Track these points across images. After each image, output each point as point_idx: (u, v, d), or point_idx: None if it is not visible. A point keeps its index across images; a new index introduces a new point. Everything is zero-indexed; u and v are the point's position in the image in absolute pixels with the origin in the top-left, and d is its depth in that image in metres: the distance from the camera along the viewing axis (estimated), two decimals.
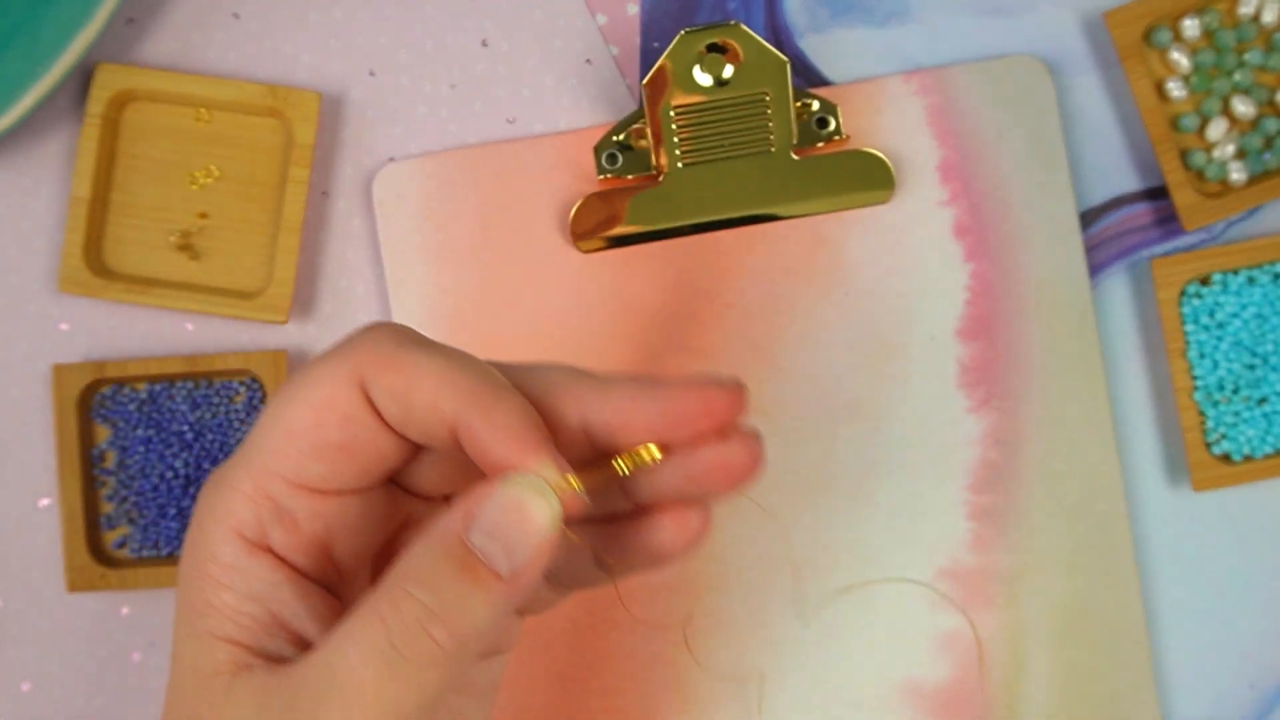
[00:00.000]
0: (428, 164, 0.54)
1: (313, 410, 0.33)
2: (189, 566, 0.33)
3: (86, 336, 0.55)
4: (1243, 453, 0.54)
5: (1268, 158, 0.55)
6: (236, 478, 0.33)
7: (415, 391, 0.32)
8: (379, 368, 0.32)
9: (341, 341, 0.34)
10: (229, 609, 0.33)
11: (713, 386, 0.34)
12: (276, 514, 0.33)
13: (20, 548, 0.55)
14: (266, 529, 0.33)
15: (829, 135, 0.54)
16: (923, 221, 0.54)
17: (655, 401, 0.34)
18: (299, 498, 0.33)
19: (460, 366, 0.33)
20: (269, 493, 0.33)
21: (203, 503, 0.34)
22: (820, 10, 0.56)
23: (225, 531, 0.33)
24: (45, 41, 0.51)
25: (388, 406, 0.33)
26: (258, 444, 0.33)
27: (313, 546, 0.34)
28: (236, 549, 0.33)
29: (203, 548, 0.33)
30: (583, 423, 0.35)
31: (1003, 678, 0.54)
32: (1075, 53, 0.56)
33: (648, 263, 0.54)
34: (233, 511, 0.33)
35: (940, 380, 0.54)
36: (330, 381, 0.33)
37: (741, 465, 0.35)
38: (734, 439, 0.35)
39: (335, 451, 0.33)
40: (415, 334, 0.34)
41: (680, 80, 0.52)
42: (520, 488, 0.32)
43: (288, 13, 0.55)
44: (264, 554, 0.33)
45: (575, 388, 0.35)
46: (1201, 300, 0.54)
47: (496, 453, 0.32)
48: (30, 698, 0.55)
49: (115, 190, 0.54)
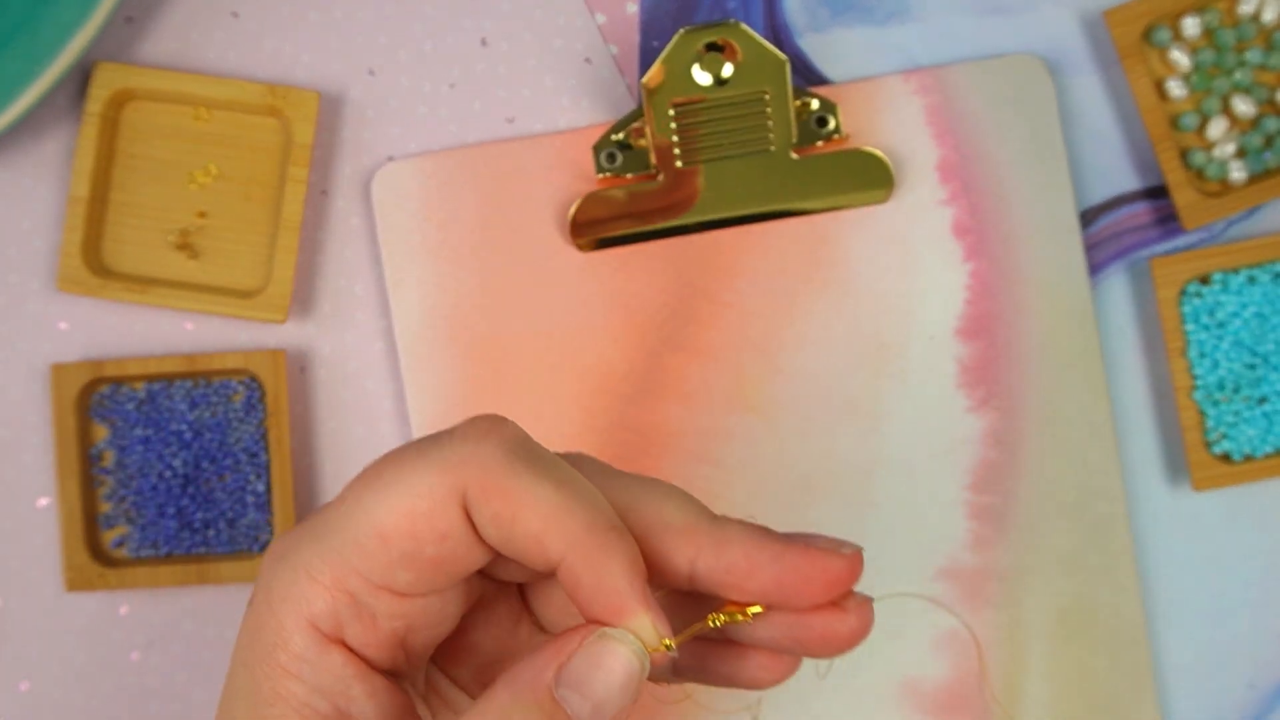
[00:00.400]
0: (427, 163, 0.54)
1: (410, 521, 0.31)
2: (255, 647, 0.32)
3: (85, 336, 0.55)
4: (1243, 452, 0.54)
5: (1268, 157, 0.55)
6: (314, 566, 0.32)
7: (520, 523, 0.31)
8: (486, 492, 0.31)
9: (444, 439, 0.32)
10: (296, 700, 0.32)
11: (834, 554, 0.33)
12: (355, 611, 0.32)
13: (19, 547, 0.55)
14: (343, 624, 0.32)
15: (828, 134, 0.54)
16: (922, 221, 0.54)
17: (774, 563, 0.33)
18: (380, 598, 0.32)
19: (571, 500, 0.31)
20: (349, 588, 0.32)
21: (273, 582, 0.32)
22: (820, 9, 0.56)
23: (299, 620, 0.32)
24: (44, 40, 0.51)
25: (488, 530, 0.32)
26: (340, 534, 0.32)
27: (388, 642, 0.33)
28: (309, 640, 0.32)
29: (273, 632, 0.32)
30: (691, 569, 0.33)
31: (1002, 677, 0.54)
32: (1075, 52, 0.56)
33: (647, 262, 0.54)
34: (309, 600, 0.32)
35: (940, 380, 0.54)
36: (431, 496, 0.31)
37: (850, 635, 0.33)
38: (848, 608, 0.33)
39: (427, 563, 0.32)
40: (525, 447, 0.32)
41: (679, 79, 0.52)
42: (614, 644, 0.31)
43: (287, 12, 0.55)
44: (337, 648, 0.32)
45: (689, 531, 0.33)
46: (1201, 299, 0.54)
47: (597, 607, 0.31)
48: (29, 697, 0.55)
49: (114, 189, 0.54)
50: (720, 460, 0.54)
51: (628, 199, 0.53)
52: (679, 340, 0.54)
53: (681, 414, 0.54)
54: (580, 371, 0.54)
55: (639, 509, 0.34)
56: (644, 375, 0.54)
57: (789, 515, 0.54)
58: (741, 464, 0.54)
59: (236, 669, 0.33)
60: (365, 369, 0.55)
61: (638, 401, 0.54)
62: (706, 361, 0.54)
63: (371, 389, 0.55)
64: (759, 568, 0.33)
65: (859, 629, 0.33)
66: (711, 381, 0.54)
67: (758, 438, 0.54)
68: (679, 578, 0.33)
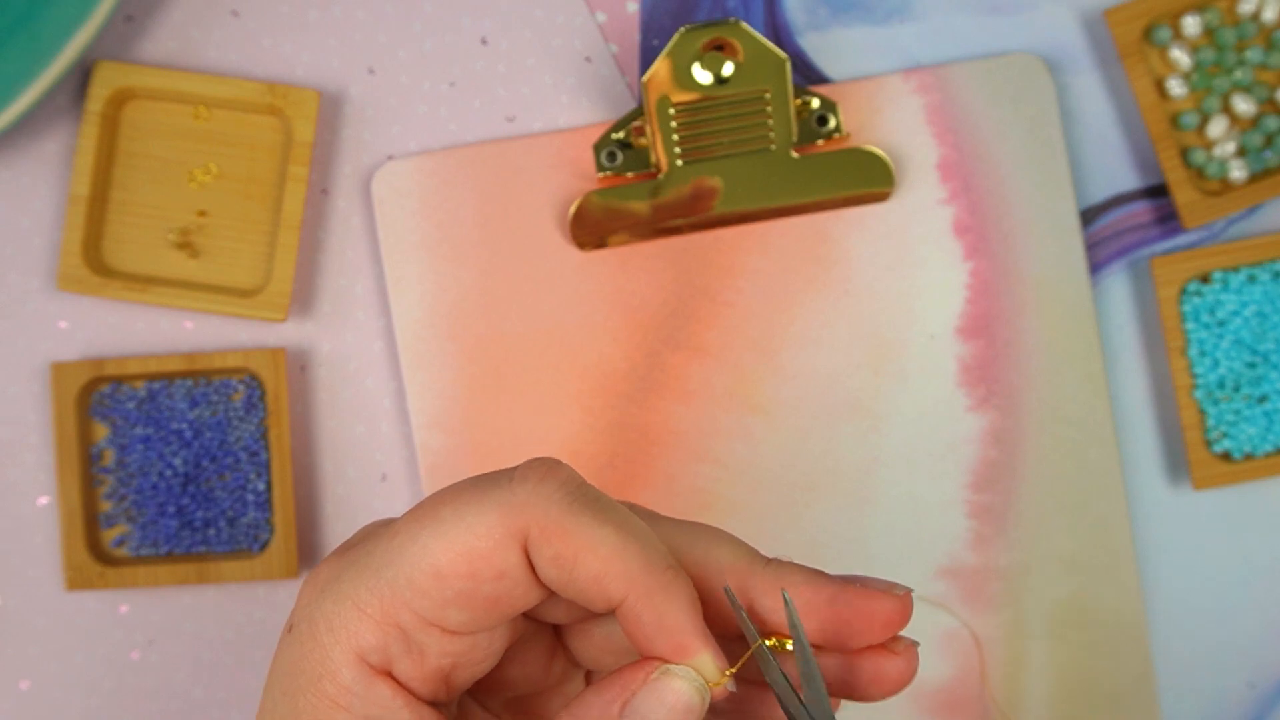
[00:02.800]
0: (427, 162, 0.54)
1: (468, 561, 0.32)
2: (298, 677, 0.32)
3: (85, 334, 0.55)
4: (1243, 451, 0.54)
5: (1268, 155, 0.55)
6: (362, 598, 0.32)
7: (582, 565, 0.32)
8: (547, 534, 0.32)
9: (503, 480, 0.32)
10: None
11: (889, 595, 0.33)
12: (405, 646, 0.32)
13: (19, 546, 0.55)
14: (392, 659, 0.32)
15: (829, 133, 0.54)
16: (922, 219, 0.54)
17: (830, 604, 0.33)
18: (430, 634, 0.32)
19: (631, 542, 0.32)
20: (400, 623, 0.32)
21: (317, 612, 0.33)
22: (820, 8, 0.56)
23: (347, 652, 0.32)
24: (44, 39, 0.51)
25: (548, 572, 0.32)
26: (393, 568, 0.32)
27: (434, 677, 0.33)
28: (357, 673, 0.32)
29: (318, 663, 0.32)
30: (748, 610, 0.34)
31: (1002, 677, 0.54)
32: (1075, 51, 0.56)
33: (647, 261, 0.54)
34: (358, 634, 0.32)
35: (940, 378, 0.54)
36: (490, 536, 0.32)
37: (899, 677, 0.34)
38: (897, 650, 0.34)
39: (482, 602, 0.32)
40: (583, 488, 0.33)
41: (680, 78, 0.52)
42: (677, 680, 0.32)
43: (287, 11, 0.55)
44: (385, 680, 0.32)
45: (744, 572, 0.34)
46: (1202, 298, 0.54)
47: (659, 645, 0.32)
48: (29, 696, 0.55)
49: (114, 188, 0.54)
50: (720, 459, 0.54)
51: (628, 198, 0.53)
52: (679, 339, 0.54)
53: (682, 413, 0.54)
54: (580, 370, 0.54)
55: (692, 552, 0.34)
56: (644, 374, 0.54)
57: (789, 514, 0.54)
58: (742, 463, 0.54)
59: (276, 698, 0.33)
60: (365, 368, 0.55)
61: (638, 400, 0.54)
62: (707, 360, 0.54)
63: (371, 388, 0.55)
64: (815, 608, 0.33)
65: (907, 671, 0.34)
66: (712, 380, 0.54)
67: (758, 437, 0.54)
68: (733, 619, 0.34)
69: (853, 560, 0.54)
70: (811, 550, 0.54)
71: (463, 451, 0.54)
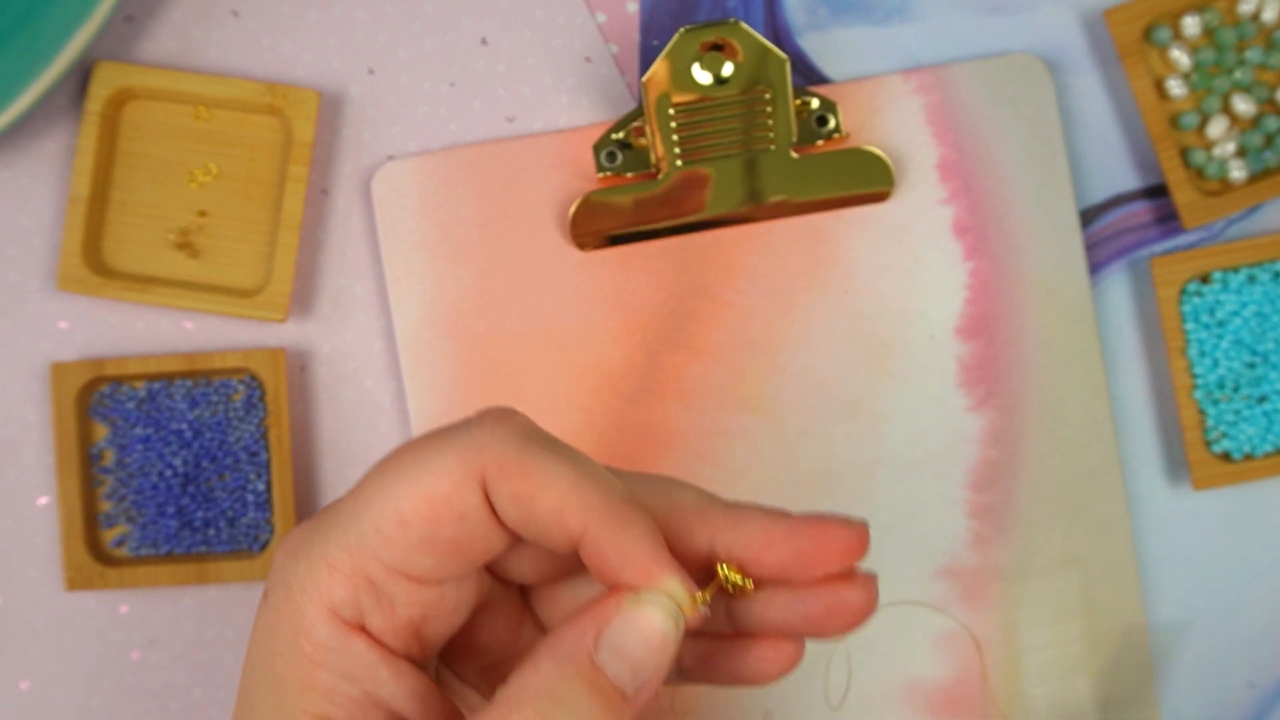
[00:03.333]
0: (427, 162, 0.54)
1: (429, 504, 0.32)
2: (275, 639, 0.33)
3: (85, 334, 0.55)
4: (1243, 451, 0.54)
5: (1268, 156, 0.55)
6: (332, 555, 0.32)
7: (540, 500, 0.32)
8: (504, 471, 0.32)
9: (460, 427, 0.33)
10: (324, 687, 0.32)
11: (845, 525, 0.34)
12: (375, 598, 0.33)
13: (19, 546, 0.55)
14: (364, 612, 0.33)
15: (828, 133, 0.54)
16: (922, 220, 0.54)
17: (790, 534, 0.34)
18: (399, 584, 0.33)
19: (587, 478, 0.32)
20: (369, 575, 0.32)
21: (290, 575, 0.33)
22: (820, 8, 0.56)
23: (320, 609, 0.32)
24: (44, 39, 0.51)
25: (508, 510, 0.32)
26: (359, 522, 0.32)
27: (406, 630, 0.33)
28: (332, 628, 0.32)
29: (294, 622, 0.32)
30: (709, 549, 0.34)
31: (1002, 677, 0.54)
32: (1075, 51, 0.56)
33: (647, 261, 0.54)
34: (329, 589, 0.32)
35: (940, 379, 0.54)
36: (450, 477, 0.32)
37: (859, 609, 0.35)
38: (855, 581, 0.35)
39: (446, 546, 0.33)
40: (538, 431, 0.33)
41: (680, 78, 0.52)
42: (649, 607, 0.32)
43: (287, 11, 0.55)
44: (359, 635, 0.33)
45: (704, 512, 0.35)
46: (1202, 298, 0.54)
47: (625, 573, 0.32)
48: (29, 696, 0.55)
49: (114, 188, 0.54)
50: (720, 459, 0.54)
51: (628, 198, 0.53)
52: (679, 339, 0.54)
53: (682, 413, 0.54)
54: (580, 371, 0.54)
55: (652, 497, 0.34)
56: (644, 374, 0.54)
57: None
58: (742, 463, 0.54)
59: (255, 665, 0.33)
60: (365, 368, 0.55)
61: (638, 401, 0.54)
62: (707, 361, 0.54)
63: (371, 388, 0.55)
64: (776, 540, 0.34)
65: (867, 602, 0.35)
66: (712, 381, 0.54)
67: (758, 437, 0.54)
68: (698, 557, 0.34)
69: None
70: None
71: None
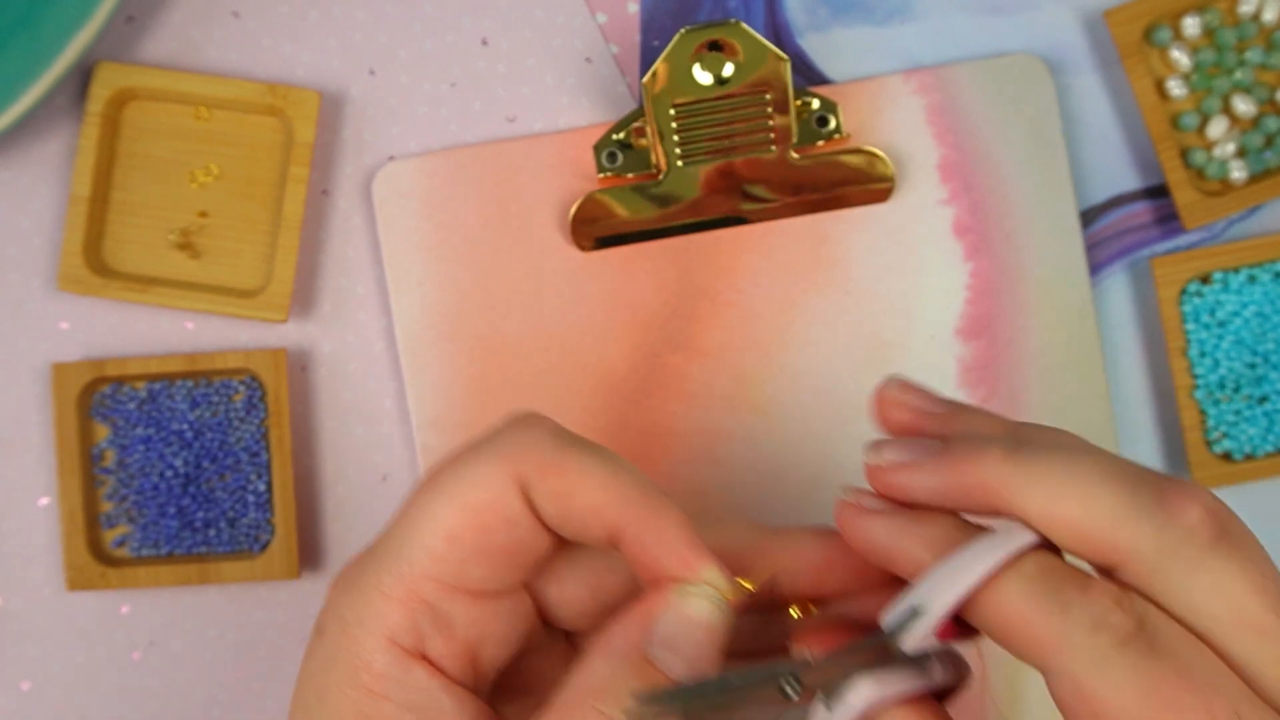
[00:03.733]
0: (428, 163, 0.54)
1: (475, 514, 0.32)
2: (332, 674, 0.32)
3: (86, 335, 0.55)
4: (1243, 451, 0.54)
5: (1268, 156, 0.55)
6: (386, 583, 0.32)
7: (578, 497, 0.32)
8: (541, 471, 0.32)
9: (491, 437, 0.33)
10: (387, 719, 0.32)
11: None
12: (434, 620, 0.32)
13: (20, 547, 0.55)
14: (424, 638, 0.32)
15: (829, 134, 0.54)
16: (923, 220, 0.54)
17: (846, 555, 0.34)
18: (456, 601, 0.33)
19: (621, 472, 0.33)
20: (425, 598, 0.32)
21: (345, 607, 0.33)
22: (820, 8, 0.56)
23: (379, 640, 0.32)
24: (45, 40, 0.51)
25: (548, 509, 0.33)
26: (408, 546, 0.32)
27: (464, 655, 0.33)
28: (391, 658, 0.32)
29: (351, 656, 0.32)
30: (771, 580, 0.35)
31: (1002, 677, 0.54)
32: (1076, 51, 0.56)
33: (648, 262, 0.54)
34: (386, 618, 0.32)
35: (940, 379, 0.54)
36: (490, 485, 0.32)
37: None
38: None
39: (497, 553, 0.33)
40: (567, 432, 0.34)
41: (680, 79, 0.52)
42: (694, 598, 0.32)
43: (287, 11, 0.55)
44: (420, 663, 0.32)
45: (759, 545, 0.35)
46: (1202, 299, 0.54)
47: (665, 564, 0.32)
48: (30, 697, 0.55)
49: (115, 189, 0.54)
50: (721, 460, 0.54)
51: (629, 199, 0.53)
52: (680, 340, 0.54)
53: (682, 414, 0.54)
54: (581, 371, 0.54)
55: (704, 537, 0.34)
56: (645, 375, 0.54)
57: (790, 515, 0.54)
58: (743, 464, 0.54)
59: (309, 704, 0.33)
60: (366, 368, 0.55)
61: (638, 401, 0.54)
62: (707, 361, 0.54)
63: (372, 388, 0.55)
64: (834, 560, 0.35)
65: None
66: (712, 381, 0.54)
67: (759, 438, 0.54)
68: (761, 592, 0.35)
69: None
70: None
71: None
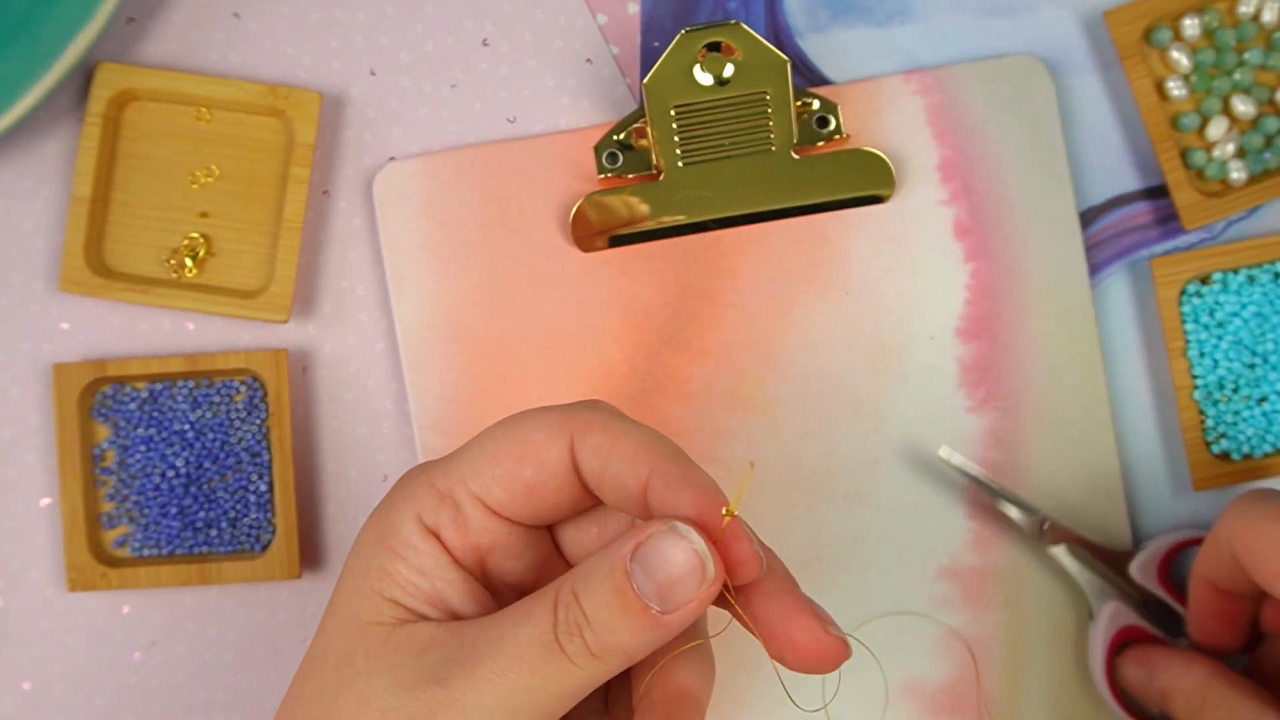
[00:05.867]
0: (428, 163, 0.54)
1: (520, 446, 0.37)
2: (371, 534, 0.38)
3: (87, 336, 0.55)
4: (1242, 452, 0.54)
5: (1268, 157, 0.55)
6: (434, 474, 0.38)
7: (617, 450, 0.37)
8: (591, 427, 0.37)
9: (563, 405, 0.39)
10: (399, 576, 0.37)
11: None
12: (454, 515, 0.38)
13: (21, 547, 0.55)
14: (441, 523, 0.38)
15: (829, 134, 0.54)
16: (923, 221, 0.54)
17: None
18: (476, 509, 0.38)
19: (661, 438, 0.37)
20: (454, 496, 0.38)
21: (400, 486, 0.39)
22: (820, 10, 0.56)
23: (409, 513, 0.38)
24: (46, 41, 0.51)
25: (589, 461, 0.37)
26: (468, 453, 0.38)
27: (472, 552, 0.38)
28: (414, 528, 0.38)
29: (388, 521, 0.38)
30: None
31: (1002, 677, 0.54)
32: (1075, 52, 0.56)
33: (648, 263, 0.54)
34: (421, 499, 0.38)
35: (940, 380, 0.54)
36: (545, 429, 0.37)
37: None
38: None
39: (521, 486, 0.38)
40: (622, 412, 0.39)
41: (680, 80, 0.52)
42: (679, 536, 0.35)
43: (288, 12, 0.55)
44: (435, 539, 0.38)
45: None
46: (1201, 299, 0.54)
47: (684, 504, 0.36)
48: (31, 697, 0.55)
49: (116, 190, 0.54)
50: (722, 460, 0.54)
51: (629, 199, 0.53)
52: (680, 340, 0.54)
53: (683, 414, 0.54)
54: (581, 371, 0.54)
55: None
56: (645, 375, 0.54)
57: (791, 515, 0.54)
58: (743, 464, 0.54)
59: (350, 558, 0.39)
60: (367, 368, 0.55)
61: (639, 401, 0.54)
62: (707, 362, 0.54)
63: (373, 388, 0.55)
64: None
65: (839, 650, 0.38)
66: (712, 382, 0.54)
67: (759, 438, 0.54)
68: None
69: (853, 561, 0.54)
70: (812, 551, 0.54)
71: None
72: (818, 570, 0.54)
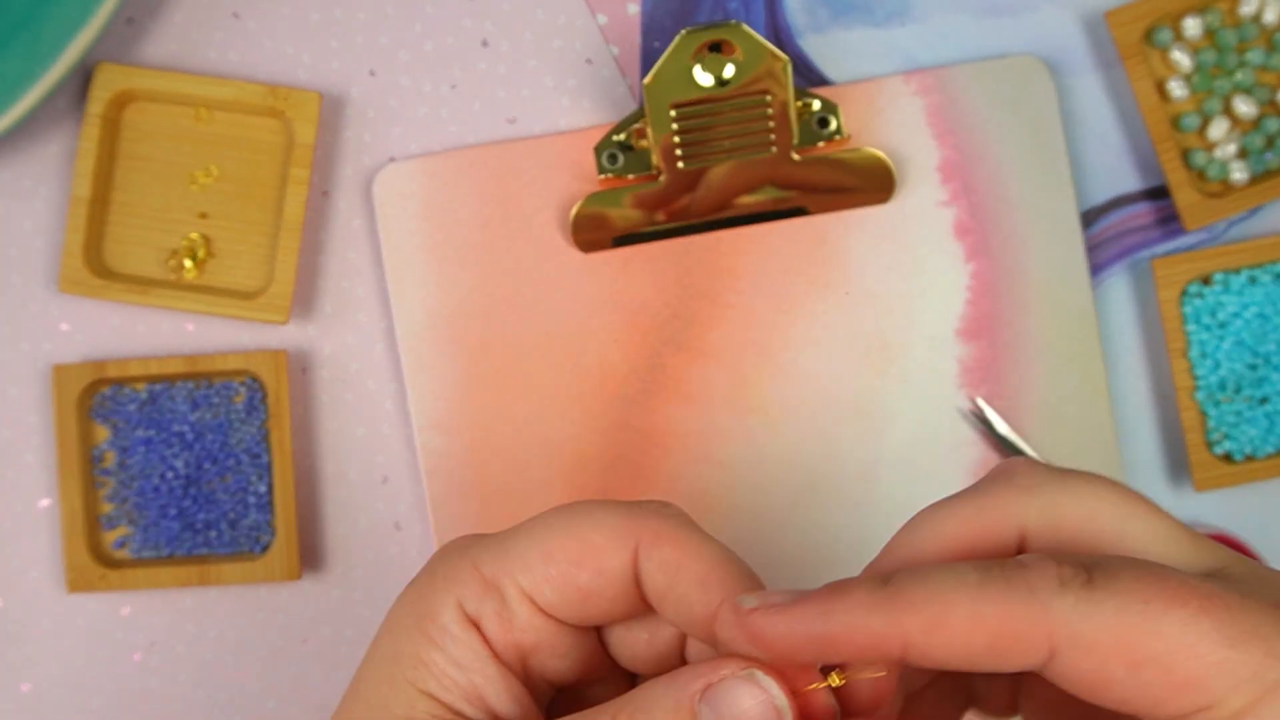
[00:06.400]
0: (428, 164, 0.54)
1: (579, 547, 0.35)
2: (408, 615, 0.35)
3: (87, 337, 0.55)
4: (1244, 453, 0.54)
5: (1269, 157, 0.55)
6: (481, 557, 0.35)
7: (686, 569, 0.34)
8: (659, 539, 0.34)
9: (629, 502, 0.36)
10: (435, 666, 0.35)
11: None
12: (499, 607, 0.35)
13: (20, 548, 0.55)
14: (483, 615, 0.35)
15: (830, 135, 0.54)
16: (923, 221, 0.54)
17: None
18: (523, 606, 0.35)
19: (734, 558, 0.34)
20: (501, 588, 0.35)
21: (440, 564, 0.36)
22: (820, 10, 0.56)
23: (450, 598, 0.35)
24: (45, 41, 0.51)
25: (654, 576, 0.34)
26: (515, 543, 0.35)
27: (514, 650, 0.35)
28: (455, 616, 0.35)
29: (426, 605, 0.35)
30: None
31: None
32: (1076, 52, 0.56)
33: (648, 263, 0.54)
34: (464, 583, 0.35)
35: (941, 380, 0.54)
36: (607, 532, 0.35)
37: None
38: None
39: (575, 590, 0.35)
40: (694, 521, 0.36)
41: (681, 80, 0.52)
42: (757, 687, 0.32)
43: (288, 13, 0.55)
44: (476, 630, 0.35)
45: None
46: (1203, 300, 0.54)
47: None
48: (30, 698, 0.55)
49: (115, 190, 0.54)
50: (722, 461, 0.54)
51: (629, 200, 0.53)
52: (680, 341, 0.54)
53: (683, 414, 0.54)
54: (581, 372, 0.54)
55: None
56: (645, 376, 0.54)
57: (791, 516, 0.54)
58: (743, 464, 0.54)
59: (382, 637, 0.36)
60: (367, 369, 0.55)
61: (639, 402, 0.54)
62: (708, 362, 0.54)
63: (373, 389, 0.55)
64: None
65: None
66: (713, 382, 0.54)
67: (759, 438, 0.54)
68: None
69: (854, 562, 0.54)
70: (812, 552, 0.54)
71: (464, 454, 0.54)
72: (818, 570, 0.54)
